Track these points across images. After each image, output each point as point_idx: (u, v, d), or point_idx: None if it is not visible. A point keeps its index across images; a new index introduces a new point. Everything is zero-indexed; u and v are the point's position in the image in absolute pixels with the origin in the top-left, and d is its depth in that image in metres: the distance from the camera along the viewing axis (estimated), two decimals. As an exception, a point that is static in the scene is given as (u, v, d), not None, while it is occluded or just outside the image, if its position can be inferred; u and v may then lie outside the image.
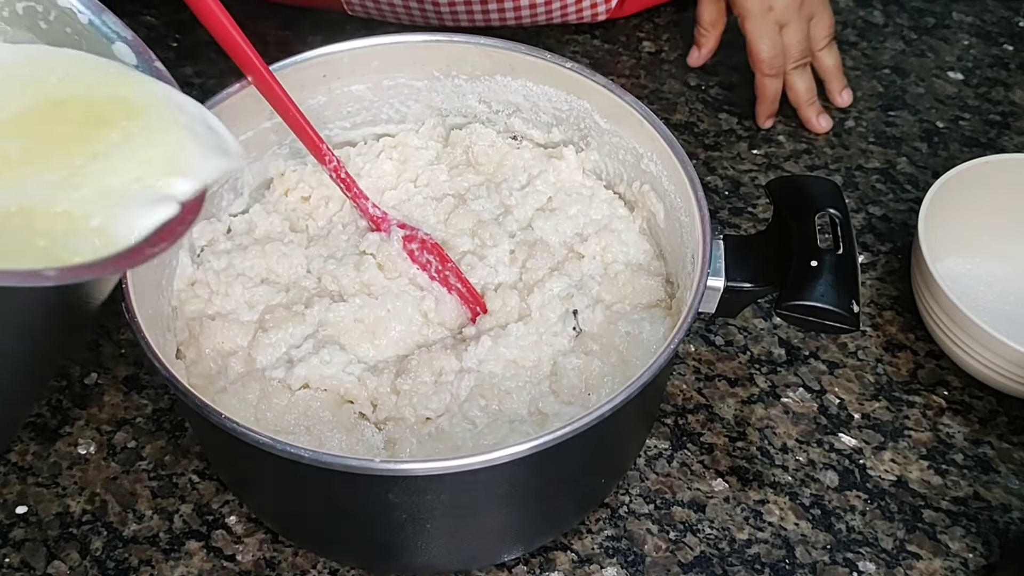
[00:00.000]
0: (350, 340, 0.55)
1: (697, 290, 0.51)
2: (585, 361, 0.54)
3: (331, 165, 0.58)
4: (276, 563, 0.58)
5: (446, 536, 0.53)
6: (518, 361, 0.55)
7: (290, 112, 0.56)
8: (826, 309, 0.52)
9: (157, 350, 0.48)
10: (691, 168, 0.56)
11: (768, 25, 0.78)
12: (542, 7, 0.84)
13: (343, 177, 0.59)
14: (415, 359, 0.54)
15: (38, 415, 0.64)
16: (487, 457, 0.45)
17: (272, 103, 0.55)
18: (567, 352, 0.55)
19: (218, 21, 0.51)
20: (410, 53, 0.63)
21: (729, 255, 0.54)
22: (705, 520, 0.60)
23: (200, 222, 0.59)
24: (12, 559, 0.58)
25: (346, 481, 0.47)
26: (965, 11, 0.95)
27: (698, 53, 0.87)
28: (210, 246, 0.60)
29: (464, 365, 0.54)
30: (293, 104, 0.56)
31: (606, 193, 0.64)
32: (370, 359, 0.55)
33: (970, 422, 0.65)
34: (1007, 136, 0.84)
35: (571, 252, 0.60)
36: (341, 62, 0.62)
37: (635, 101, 0.59)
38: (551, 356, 0.55)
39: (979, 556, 0.59)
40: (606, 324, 0.57)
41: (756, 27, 0.79)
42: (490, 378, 0.54)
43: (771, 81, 0.80)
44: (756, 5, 0.78)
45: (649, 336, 0.56)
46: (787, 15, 0.79)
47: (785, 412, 0.65)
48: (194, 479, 0.61)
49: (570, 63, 0.61)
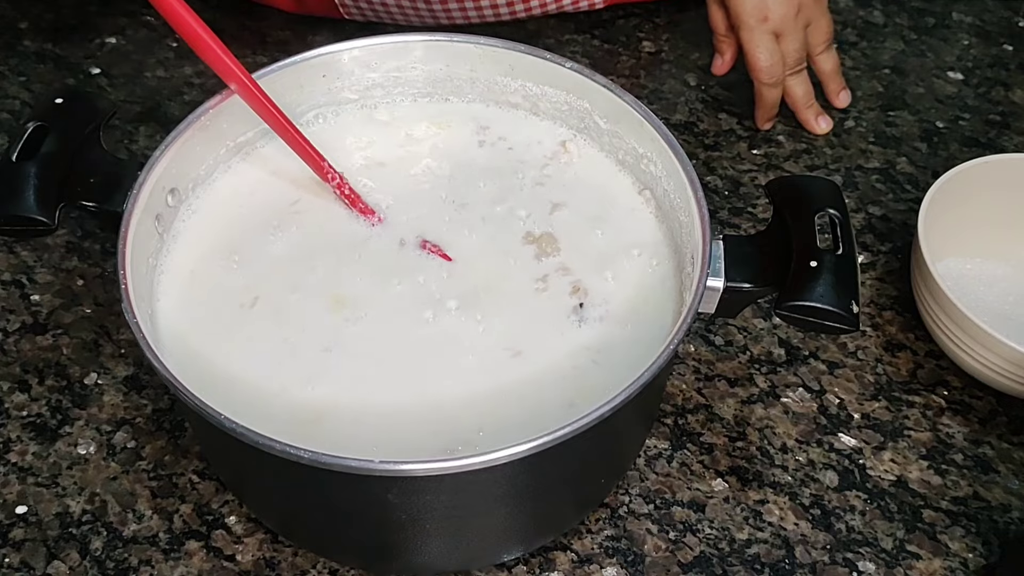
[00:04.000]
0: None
1: (696, 290, 0.51)
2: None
3: (334, 183, 0.59)
4: (276, 563, 0.58)
5: (446, 536, 0.53)
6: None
7: (296, 141, 0.57)
8: (825, 310, 0.51)
9: (157, 350, 0.48)
10: (691, 168, 0.56)
11: (764, 35, 0.78)
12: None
13: (347, 194, 0.60)
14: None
15: (38, 415, 0.64)
16: (487, 457, 0.45)
17: (280, 135, 0.57)
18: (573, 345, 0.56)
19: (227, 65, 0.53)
20: (409, 53, 0.63)
21: (729, 255, 0.53)
22: (705, 520, 0.60)
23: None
24: (12, 559, 0.58)
25: (345, 481, 0.47)
26: (965, 11, 0.95)
27: (721, 60, 0.87)
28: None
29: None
30: (294, 128, 0.57)
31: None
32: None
33: (970, 422, 0.65)
34: (1007, 136, 0.84)
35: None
36: (341, 62, 0.62)
37: (635, 101, 0.59)
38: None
39: (979, 556, 0.59)
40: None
41: (752, 37, 0.79)
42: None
43: (769, 90, 0.80)
44: (751, 16, 0.78)
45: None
46: (783, 24, 0.78)
47: (785, 412, 0.65)
48: (194, 479, 0.61)
49: (570, 63, 0.61)
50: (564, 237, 0.60)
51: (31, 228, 0.54)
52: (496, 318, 0.57)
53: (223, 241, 0.60)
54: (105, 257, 0.72)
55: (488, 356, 0.55)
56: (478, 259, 0.59)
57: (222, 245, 0.60)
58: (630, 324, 0.56)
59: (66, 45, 0.87)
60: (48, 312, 0.69)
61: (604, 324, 0.56)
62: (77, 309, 0.69)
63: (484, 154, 0.65)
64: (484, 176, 0.64)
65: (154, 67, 0.86)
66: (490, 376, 0.54)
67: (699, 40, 0.90)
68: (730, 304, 0.54)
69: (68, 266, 0.71)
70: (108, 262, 0.71)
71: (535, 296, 0.58)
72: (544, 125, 0.65)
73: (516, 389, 0.54)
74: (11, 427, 0.63)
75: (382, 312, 0.57)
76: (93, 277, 0.71)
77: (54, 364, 0.66)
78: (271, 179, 0.63)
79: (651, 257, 0.60)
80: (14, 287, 0.70)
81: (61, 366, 0.66)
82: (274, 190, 0.63)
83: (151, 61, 0.86)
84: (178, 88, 0.84)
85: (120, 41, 0.87)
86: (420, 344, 0.55)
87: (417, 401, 0.53)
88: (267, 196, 0.63)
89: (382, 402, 0.53)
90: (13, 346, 0.67)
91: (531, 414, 0.53)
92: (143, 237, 0.54)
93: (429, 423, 0.53)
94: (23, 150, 0.55)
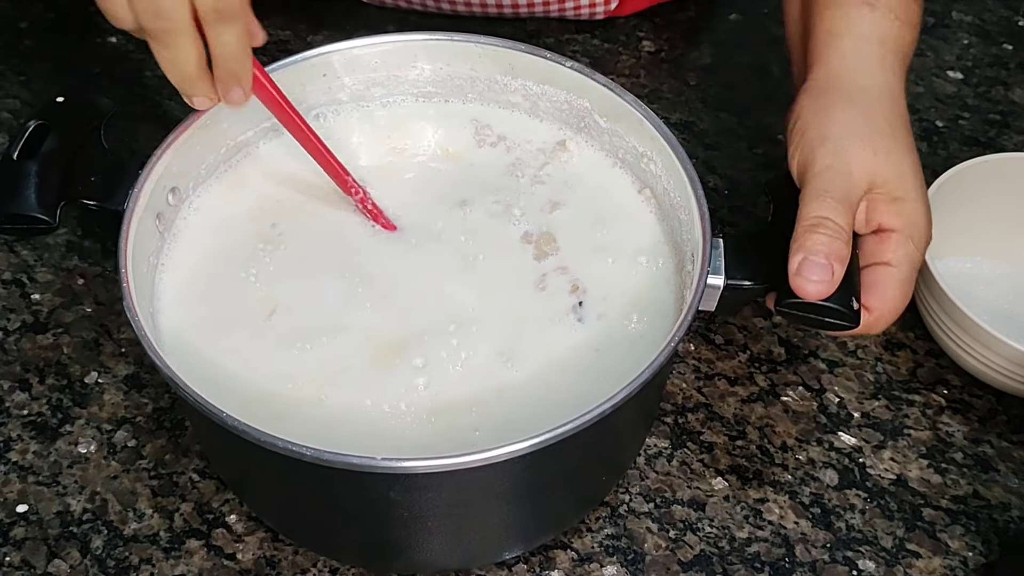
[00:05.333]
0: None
1: (697, 288, 0.51)
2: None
3: (357, 196, 0.59)
4: (276, 562, 0.58)
5: (446, 534, 0.53)
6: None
7: (322, 155, 0.58)
8: (826, 306, 0.52)
9: (158, 348, 0.48)
10: (691, 167, 0.56)
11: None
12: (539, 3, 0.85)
13: (370, 208, 0.60)
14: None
15: (38, 414, 0.64)
16: (488, 455, 0.45)
17: (301, 143, 0.58)
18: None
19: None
20: (410, 52, 0.63)
21: (729, 253, 0.54)
22: (705, 519, 0.60)
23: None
24: (13, 558, 0.58)
25: (346, 479, 0.47)
26: (965, 10, 0.95)
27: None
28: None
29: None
30: (318, 139, 0.57)
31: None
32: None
33: (969, 421, 0.65)
34: (1007, 135, 0.84)
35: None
36: (341, 62, 0.62)
37: (635, 100, 0.59)
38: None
39: (978, 555, 0.59)
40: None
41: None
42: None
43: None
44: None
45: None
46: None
47: (785, 411, 0.66)
48: (194, 478, 0.61)
49: (570, 62, 0.61)
50: (563, 236, 0.61)
51: (32, 227, 0.54)
52: (496, 316, 0.57)
53: (224, 240, 0.60)
54: (106, 256, 0.72)
55: (488, 355, 0.55)
56: (477, 258, 0.59)
57: (223, 244, 0.60)
58: (630, 322, 0.56)
59: (66, 45, 0.87)
60: (49, 311, 0.69)
61: (603, 322, 0.57)
62: (78, 308, 0.69)
63: (483, 154, 0.65)
64: (483, 176, 0.64)
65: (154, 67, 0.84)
66: (490, 375, 0.54)
67: (699, 40, 0.90)
68: (730, 302, 0.54)
69: (68, 265, 0.71)
70: (109, 261, 0.71)
71: (534, 294, 0.58)
72: (544, 125, 0.65)
73: (516, 388, 0.54)
74: (12, 426, 0.63)
75: (382, 309, 0.57)
76: (94, 276, 0.71)
77: (55, 363, 0.66)
78: (272, 178, 0.63)
79: (651, 256, 0.60)
80: (14, 286, 0.70)
81: (62, 365, 0.66)
82: (275, 189, 0.63)
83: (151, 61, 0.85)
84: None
85: (120, 41, 0.87)
86: (420, 342, 0.55)
87: (417, 400, 0.53)
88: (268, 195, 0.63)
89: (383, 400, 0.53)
90: (14, 345, 0.67)
91: (530, 413, 0.53)
92: (144, 236, 0.54)
93: (429, 422, 0.53)
94: (24, 149, 0.55)
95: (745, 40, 0.90)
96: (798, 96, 0.61)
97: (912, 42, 0.63)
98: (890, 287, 0.56)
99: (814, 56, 0.62)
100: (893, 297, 0.56)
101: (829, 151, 0.56)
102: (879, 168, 0.56)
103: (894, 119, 0.59)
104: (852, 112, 0.58)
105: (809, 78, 0.61)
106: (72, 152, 0.56)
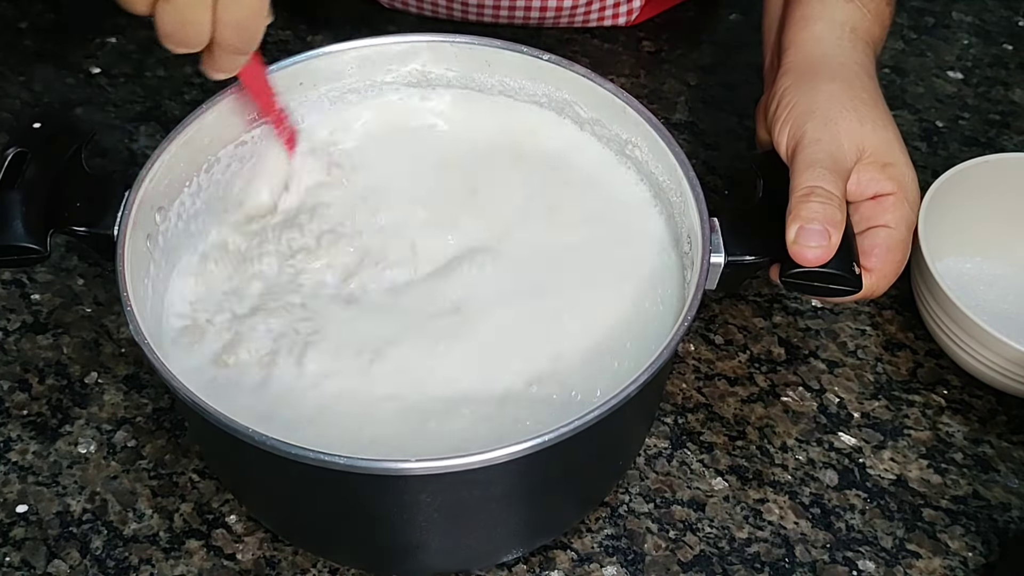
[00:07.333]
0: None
1: (701, 268, 0.51)
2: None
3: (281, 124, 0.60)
4: (276, 562, 0.58)
5: (446, 536, 0.53)
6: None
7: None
8: (828, 273, 0.53)
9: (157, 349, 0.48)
10: (677, 147, 0.56)
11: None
12: (567, 11, 0.85)
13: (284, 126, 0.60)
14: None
15: (38, 414, 0.64)
16: (487, 456, 0.45)
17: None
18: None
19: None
20: (386, 55, 0.63)
21: (726, 230, 0.54)
22: (705, 519, 0.60)
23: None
24: (12, 558, 0.58)
25: (344, 481, 0.47)
26: (965, 11, 0.95)
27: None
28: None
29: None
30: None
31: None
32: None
33: (970, 421, 0.65)
34: (1007, 136, 0.84)
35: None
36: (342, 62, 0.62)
37: (616, 88, 0.59)
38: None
39: (979, 555, 0.59)
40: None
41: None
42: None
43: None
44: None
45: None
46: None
47: (785, 411, 0.65)
48: (194, 478, 0.61)
49: (547, 55, 0.61)
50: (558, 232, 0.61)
51: (24, 257, 0.53)
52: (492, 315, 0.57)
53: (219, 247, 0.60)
54: (105, 256, 0.72)
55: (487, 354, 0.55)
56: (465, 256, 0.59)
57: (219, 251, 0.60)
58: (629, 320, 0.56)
59: (66, 45, 0.87)
60: (48, 311, 0.69)
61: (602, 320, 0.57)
62: (77, 308, 0.69)
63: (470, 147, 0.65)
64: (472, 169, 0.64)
65: (154, 67, 0.86)
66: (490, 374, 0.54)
67: (699, 40, 0.90)
68: (732, 279, 0.55)
69: (68, 265, 0.71)
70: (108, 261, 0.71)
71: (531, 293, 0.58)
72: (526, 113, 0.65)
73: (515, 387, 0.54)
74: (11, 426, 0.63)
75: (381, 310, 0.57)
76: (93, 276, 0.71)
77: (54, 363, 0.66)
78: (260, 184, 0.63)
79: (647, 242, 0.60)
80: (14, 286, 0.70)
81: (61, 365, 0.66)
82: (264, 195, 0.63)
83: (151, 61, 0.86)
84: (178, 87, 0.84)
85: (120, 41, 0.87)
86: (419, 342, 0.55)
87: (417, 400, 0.53)
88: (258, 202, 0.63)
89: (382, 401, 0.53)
90: (13, 345, 0.67)
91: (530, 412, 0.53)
92: (138, 256, 0.54)
93: (429, 422, 0.53)
94: (4, 178, 0.54)
95: (745, 40, 0.89)
96: (777, 79, 0.63)
97: (880, 39, 0.66)
98: (890, 248, 0.58)
99: (788, 40, 0.64)
100: (893, 259, 0.58)
101: (819, 124, 0.58)
102: (867, 136, 0.58)
103: (874, 91, 0.62)
104: (835, 86, 0.60)
105: (784, 62, 0.63)
106: (54, 179, 0.55)
